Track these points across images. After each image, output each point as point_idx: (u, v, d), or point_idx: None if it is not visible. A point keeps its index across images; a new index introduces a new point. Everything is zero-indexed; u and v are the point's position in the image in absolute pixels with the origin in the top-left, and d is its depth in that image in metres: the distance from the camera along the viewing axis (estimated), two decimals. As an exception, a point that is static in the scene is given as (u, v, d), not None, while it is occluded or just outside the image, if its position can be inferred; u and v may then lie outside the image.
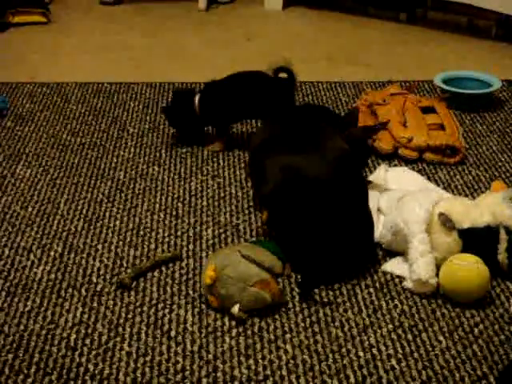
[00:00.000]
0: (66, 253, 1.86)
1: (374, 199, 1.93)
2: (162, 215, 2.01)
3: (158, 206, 2.05)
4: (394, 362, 1.55)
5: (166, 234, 1.93)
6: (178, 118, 2.29)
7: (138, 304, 1.69)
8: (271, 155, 1.80)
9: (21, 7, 3.24)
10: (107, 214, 2.01)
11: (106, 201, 2.07)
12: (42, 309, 1.68)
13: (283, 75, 2.27)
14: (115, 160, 2.27)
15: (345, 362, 1.54)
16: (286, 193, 1.75)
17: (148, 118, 2.51)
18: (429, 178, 2.15)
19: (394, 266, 1.80)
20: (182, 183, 2.15)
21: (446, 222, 1.75)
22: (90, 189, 2.12)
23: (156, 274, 1.79)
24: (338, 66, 2.92)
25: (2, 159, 2.27)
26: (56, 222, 1.98)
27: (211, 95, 2.27)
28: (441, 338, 1.61)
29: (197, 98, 2.26)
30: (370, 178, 2.10)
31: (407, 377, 1.51)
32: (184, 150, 2.31)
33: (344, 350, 1.57)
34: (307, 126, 1.85)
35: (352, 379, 1.50)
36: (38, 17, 3.27)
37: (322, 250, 1.73)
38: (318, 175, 1.72)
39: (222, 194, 2.10)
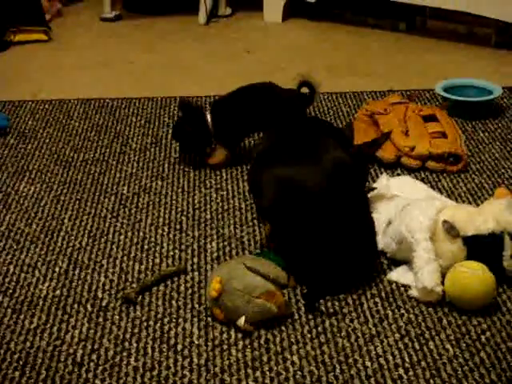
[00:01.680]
0: (71, 269, 1.86)
1: (387, 211, 1.91)
2: (166, 229, 2.01)
3: (161, 220, 2.05)
4: (401, 371, 1.54)
5: (170, 248, 1.93)
6: (189, 136, 2.26)
7: (143, 318, 1.69)
8: (268, 167, 1.80)
9: (22, 26, 3.26)
10: (111, 229, 2.01)
11: (109, 216, 2.07)
12: (48, 325, 1.68)
13: (305, 90, 2.29)
14: (118, 175, 2.27)
15: (352, 372, 1.54)
16: (282, 205, 1.74)
17: (150, 132, 2.51)
18: (432, 187, 2.15)
19: (399, 274, 1.80)
20: (186, 197, 2.16)
21: (450, 229, 1.75)
22: (94, 204, 2.12)
23: (161, 288, 1.79)
24: (339, 76, 2.93)
25: (5, 177, 2.28)
26: (60, 238, 1.98)
27: (224, 112, 2.25)
28: (448, 346, 1.60)
29: (209, 117, 2.24)
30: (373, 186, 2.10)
31: (415, 386, 1.51)
32: (187, 164, 2.31)
33: (351, 360, 1.57)
34: (306, 137, 1.85)
35: (360, 389, 1.50)
36: (38, 35, 3.28)
37: (323, 260, 1.73)
38: (313, 186, 1.72)
39: (226, 207, 2.10)
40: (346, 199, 1.74)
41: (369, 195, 1.98)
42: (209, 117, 2.24)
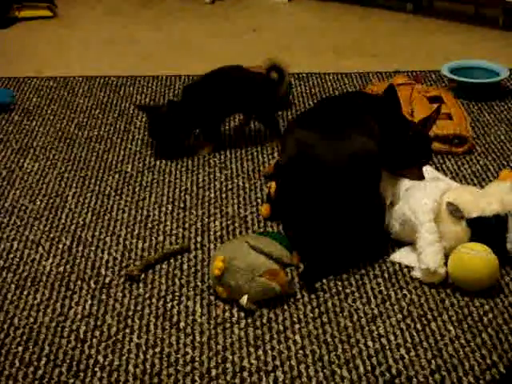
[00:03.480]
0: (74, 246, 1.86)
1: (388, 191, 1.91)
2: (169, 207, 2.01)
3: (165, 198, 2.05)
4: (403, 351, 1.55)
5: (174, 226, 1.93)
6: (167, 132, 2.21)
7: (146, 296, 1.70)
8: (297, 129, 1.81)
9: (26, 1, 3.24)
10: (115, 207, 2.01)
11: (113, 194, 2.07)
12: (52, 301, 1.69)
13: (274, 75, 2.26)
14: (122, 153, 2.27)
15: (354, 351, 1.54)
16: (296, 168, 1.75)
17: (155, 110, 2.50)
18: (437, 168, 2.14)
19: (402, 255, 1.80)
20: (190, 175, 2.15)
21: (455, 211, 1.75)
22: (98, 182, 2.12)
23: (164, 265, 1.79)
24: (345, 56, 2.91)
25: (9, 153, 2.27)
26: (64, 215, 1.98)
27: (197, 97, 2.22)
28: (450, 327, 1.60)
29: (181, 104, 2.20)
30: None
31: (416, 366, 1.51)
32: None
33: (353, 339, 1.57)
34: (344, 112, 1.83)
35: (361, 369, 1.50)
36: (43, 11, 3.27)
37: (326, 235, 1.73)
38: (330, 161, 1.72)
39: (230, 186, 2.10)
40: (358, 183, 1.73)
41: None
42: (181, 104, 2.20)
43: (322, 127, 1.79)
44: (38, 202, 2.04)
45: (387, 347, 1.55)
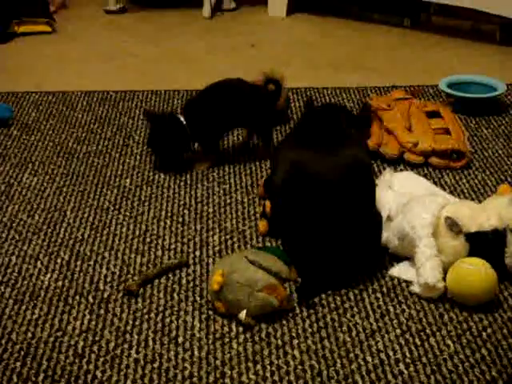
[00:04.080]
0: (72, 260, 1.86)
1: (386, 206, 1.92)
2: (168, 222, 2.01)
3: (164, 212, 2.05)
4: (402, 366, 1.54)
5: (172, 241, 1.93)
6: (167, 144, 2.20)
7: (145, 311, 1.70)
8: (286, 148, 1.82)
9: (26, 17, 3.26)
10: (114, 222, 2.01)
11: (112, 208, 2.07)
12: (50, 316, 1.68)
13: (272, 87, 2.27)
14: (121, 167, 2.27)
15: (353, 367, 1.54)
16: (291, 187, 1.75)
17: (153, 125, 2.51)
18: (435, 183, 2.15)
19: (401, 270, 1.80)
20: (188, 190, 2.16)
21: (453, 225, 1.75)
22: (97, 196, 2.13)
23: (163, 280, 1.79)
24: (343, 71, 2.92)
25: (8, 168, 2.28)
26: (63, 229, 1.98)
27: (197, 112, 2.22)
28: (449, 342, 1.60)
29: (182, 118, 2.20)
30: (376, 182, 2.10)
31: (416, 381, 1.51)
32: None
33: (352, 355, 1.57)
34: (329, 126, 1.84)
35: (360, 384, 1.50)
36: (43, 26, 3.28)
37: (323, 251, 1.73)
38: (325, 176, 1.72)
39: (228, 201, 2.10)
40: (355, 196, 1.74)
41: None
42: (182, 118, 2.21)
43: (313, 144, 1.79)
44: (37, 217, 2.04)
45: (386, 362, 1.55)
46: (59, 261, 1.86)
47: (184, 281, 1.79)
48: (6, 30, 3.22)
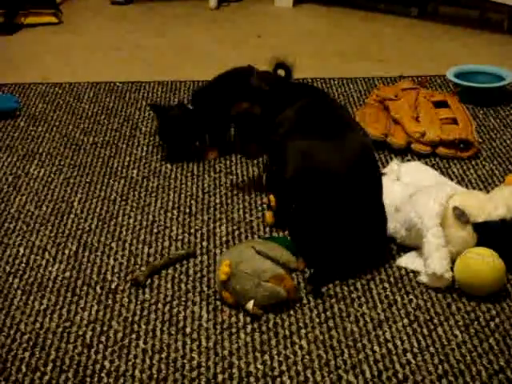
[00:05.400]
0: (80, 251, 1.87)
1: (391, 195, 1.92)
2: (175, 213, 2.01)
3: (171, 203, 2.05)
4: (409, 356, 1.54)
5: (179, 232, 1.93)
6: (178, 134, 2.21)
7: (152, 301, 1.70)
8: (295, 140, 1.81)
9: (32, 8, 3.25)
10: (121, 212, 2.01)
11: (119, 199, 2.07)
12: (58, 307, 1.69)
13: (281, 72, 2.26)
14: (128, 158, 2.27)
15: (360, 356, 1.54)
16: (304, 179, 1.75)
17: (160, 116, 2.51)
18: (442, 173, 2.14)
19: (408, 260, 1.80)
20: (195, 181, 2.16)
21: (461, 215, 1.75)
22: (104, 187, 2.13)
23: (170, 271, 1.79)
24: (350, 61, 2.91)
25: (15, 159, 2.28)
26: (70, 220, 1.98)
27: (206, 101, 2.22)
28: (456, 332, 1.60)
29: (191, 108, 2.21)
30: (383, 171, 2.09)
31: (423, 371, 1.51)
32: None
33: (359, 344, 1.57)
34: (331, 115, 1.85)
35: (368, 374, 1.50)
36: (49, 17, 3.28)
37: (333, 241, 1.73)
38: (338, 166, 1.73)
39: (235, 191, 2.10)
40: (365, 183, 1.74)
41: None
42: (191, 108, 2.21)
43: (318, 133, 1.79)
44: (44, 208, 2.04)
45: (394, 352, 1.55)
46: (67, 252, 1.87)
47: (191, 271, 1.79)
48: (13, 22, 3.21)
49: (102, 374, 1.51)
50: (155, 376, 1.51)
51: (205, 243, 1.89)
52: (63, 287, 1.75)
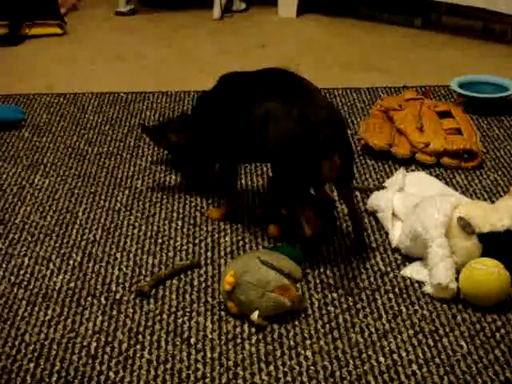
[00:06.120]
0: (85, 262, 1.87)
1: (388, 202, 1.94)
2: (179, 223, 2.01)
3: (175, 214, 2.05)
4: (415, 367, 1.54)
5: (184, 242, 1.93)
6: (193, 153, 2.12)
7: (157, 312, 1.70)
8: (278, 109, 1.80)
9: (37, 19, 3.26)
10: (125, 223, 2.01)
11: (123, 209, 2.07)
12: (62, 317, 1.69)
13: None
14: (132, 169, 2.28)
15: (365, 367, 1.54)
16: (298, 140, 1.76)
17: (164, 126, 2.51)
18: (447, 183, 2.14)
19: (413, 270, 1.80)
20: (199, 191, 2.15)
21: (466, 226, 1.74)
22: (108, 198, 2.13)
23: (175, 281, 1.79)
24: (353, 72, 2.92)
25: (20, 169, 2.28)
26: (75, 231, 1.99)
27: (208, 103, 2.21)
28: (462, 342, 1.60)
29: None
30: (388, 182, 2.10)
31: (429, 382, 1.50)
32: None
33: (364, 355, 1.57)
34: (297, 81, 1.91)
35: (373, 385, 1.50)
36: (53, 28, 3.29)
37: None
38: (330, 119, 1.77)
39: (240, 202, 2.10)
40: (342, 126, 1.83)
41: (378, 192, 2.01)
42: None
43: (295, 97, 1.82)
44: (49, 218, 2.04)
45: (399, 363, 1.55)
46: (71, 262, 1.87)
47: (196, 282, 1.79)
48: (17, 32, 3.23)
49: (107, 385, 1.51)
50: (160, 387, 1.51)
51: (209, 253, 1.89)
52: (68, 298, 1.75)
